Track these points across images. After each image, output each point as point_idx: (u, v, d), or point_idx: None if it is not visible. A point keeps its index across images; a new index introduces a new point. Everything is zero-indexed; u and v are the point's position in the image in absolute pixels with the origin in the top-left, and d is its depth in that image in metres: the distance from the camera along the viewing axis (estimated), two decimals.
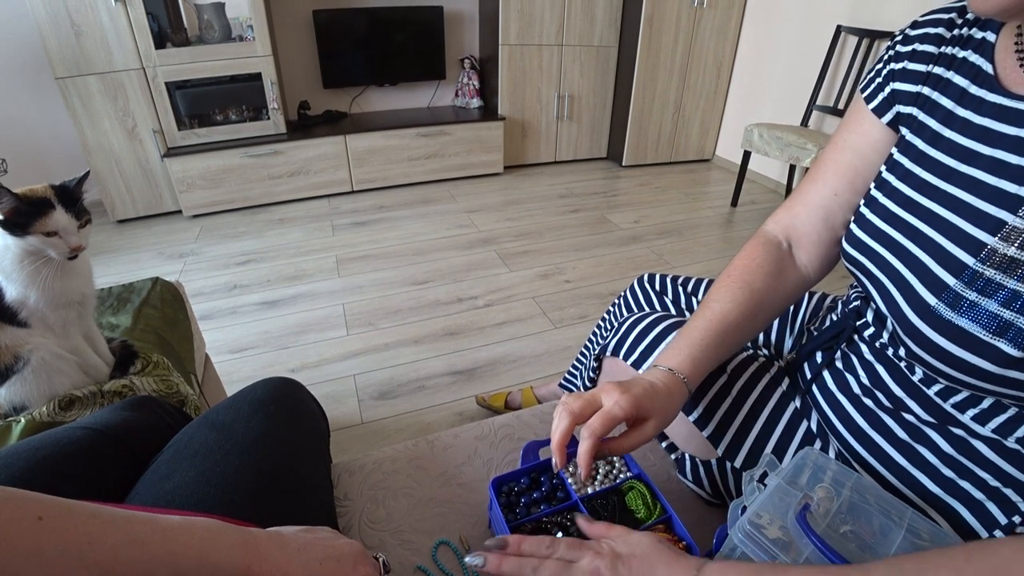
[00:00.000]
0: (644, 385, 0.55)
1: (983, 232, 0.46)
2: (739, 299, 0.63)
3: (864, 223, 0.58)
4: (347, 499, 0.70)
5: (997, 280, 0.44)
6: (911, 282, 0.50)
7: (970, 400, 0.50)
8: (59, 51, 2.32)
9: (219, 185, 2.76)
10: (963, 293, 0.45)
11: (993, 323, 0.43)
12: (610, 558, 0.47)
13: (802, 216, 0.67)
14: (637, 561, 0.46)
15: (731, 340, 0.62)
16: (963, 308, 0.45)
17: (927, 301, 0.48)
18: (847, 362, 0.63)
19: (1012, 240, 0.44)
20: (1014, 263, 0.43)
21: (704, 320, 0.62)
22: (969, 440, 0.51)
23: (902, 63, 0.59)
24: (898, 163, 0.57)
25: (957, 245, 0.47)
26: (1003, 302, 0.43)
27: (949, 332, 0.46)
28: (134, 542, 0.37)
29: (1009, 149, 0.46)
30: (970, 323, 0.44)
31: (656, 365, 0.60)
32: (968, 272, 0.46)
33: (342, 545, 0.48)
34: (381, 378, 1.65)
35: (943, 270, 0.48)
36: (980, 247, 0.46)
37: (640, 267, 2.35)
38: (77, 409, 0.79)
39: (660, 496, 0.61)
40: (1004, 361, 0.43)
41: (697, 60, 3.36)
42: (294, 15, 2.96)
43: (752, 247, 0.68)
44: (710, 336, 0.61)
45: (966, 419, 0.50)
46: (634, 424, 0.55)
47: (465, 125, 3.16)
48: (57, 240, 0.73)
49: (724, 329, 0.61)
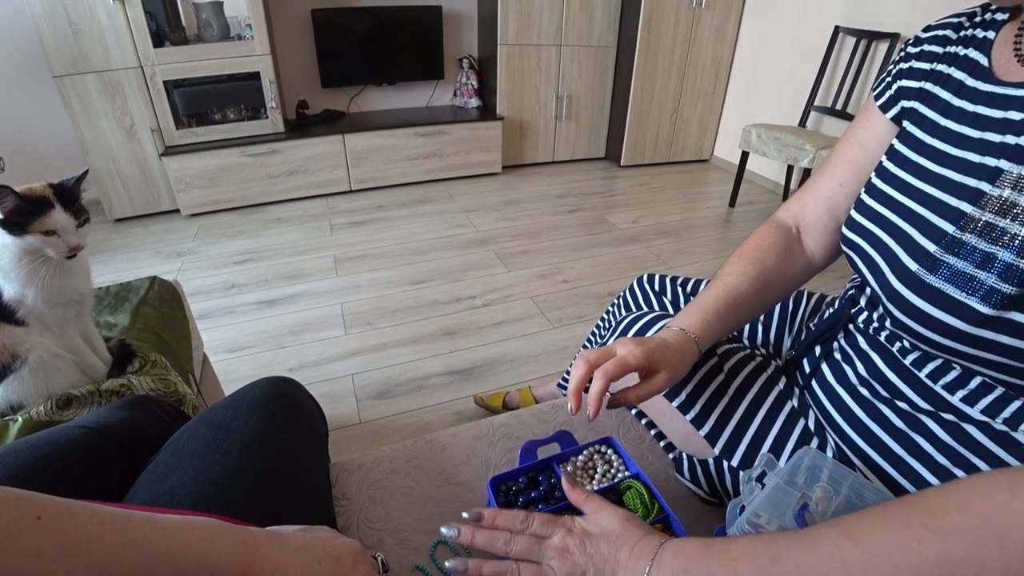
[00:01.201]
0: (657, 340, 0.60)
1: (963, 203, 0.49)
2: (750, 273, 0.67)
3: (862, 207, 0.61)
4: (345, 498, 0.70)
5: (972, 243, 0.47)
6: (897, 252, 0.54)
7: (959, 380, 0.52)
8: (57, 49, 2.31)
9: (217, 184, 2.76)
10: (942, 258, 0.49)
11: (968, 284, 0.46)
12: (580, 536, 0.49)
13: (810, 206, 0.72)
14: (605, 541, 0.48)
15: (740, 311, 0.67)
16: (941, 271, 0.48)
17: (909, 267, 0.51)
18: (844, 354, 0.64)
19: (988, 207, 0.47)
20: (988, 227, 0.46)
21: (716, 289, 0.67)
22: (961, 425, 0.52)
23: (910, 62, 0.63)
24: (898, 152, 0.60)
25: (938, 215, 0.51)
26: (978, 264, 0.46)
27: (927, 294, 0.49)
28: (133, 541, 0.37)
29: (993, 130, 0.50)
30: (947, 284, 0.48)
31: (669, 326, 0.65)
32: (947, 239, 0.49)
33: (341, 544, 0.48)
34: (379, 378, 1.65)
35: (925, 238, 0.51)
36: (960, 216, 0.49)
37: (638, 267, 2.35)
38: (75, 408, 0.79)
39: (658, 495, 0.61)
40: (977, 319, 0.45)
41: (695, 60, 3.37)
42: (292, 14, 2.96)
43: (764, 229, 0.73)
44: (721, 304, 0.65)
45: (956, 400, 0.52)
46: (646, 376, 0.60)
47: (463, 125, 3.16)
48: (56, 239, 0.73)
49: (735, 300, 0.66)
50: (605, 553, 0.47)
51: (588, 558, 0.47)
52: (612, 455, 0.69)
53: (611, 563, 0.47)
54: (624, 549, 0.47)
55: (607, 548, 0.48)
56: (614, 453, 0.69)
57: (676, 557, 0.44)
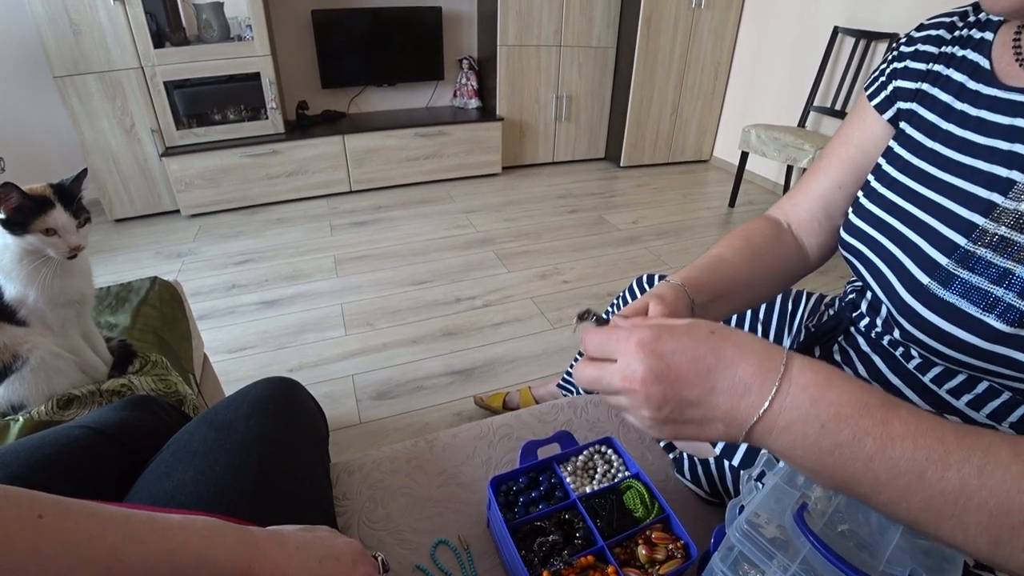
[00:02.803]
0: (671, 297, 0.55)
1: (975, 214, 0.48)
2: (736, 246, 0.66)
3: (862, 211, 0.60)
4: (346, 498, 0.70)
5: (988, 258, 0.45)
6: (905, 263, 0.52)
7: (965, 385, 0.51)
8: (57, 50, 2.31)
9: (217, 185, 2.76)
10: (955, 272, 0.47)
11: (983, 299, 0.45)
12: (654, 341, 0.39)
13: (803, 204, 0.71)
14: (710, 345, 0.38)
15: (727, 271, 0.63)
16: (954, 286, 0.47)
17: (920, 280, 0.50)
18: (845, 356, 0.64)
19: (1003, 220, 0.45)
20: (1004, 242, 0.45)
21: (700, 258, 0.65)
22: None
23: (904, 62, 0.62)
24: (897, 155, 0.59)
25: (949, 227, 0.49)
26: (994, 279, 0.44)
27: (941, 309, 0.47)
28: (134, 540, 0.37)
29: (1001, 137, 0.48)
30: (961, 300, 0.46)
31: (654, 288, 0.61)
32: (960, 251, 0.47)
33: (341, 544, 0.48)
34: (379, 378, 1.65)
35: (935, 251, 0.50)
36: (972, 228, 0.47)
37: (638, 267, 2.35)
38: (75, 408, 0.79)
39: (658, 495, 0.61)
40: (993, 336, 0.44)
41: (695, 61, 3.37)
42: (293, 15, 2.96)
43: (752, 220, 0.73)
44: (702, 262, 0.63)
45: (961, 405, 0.51)
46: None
47: (463, 125, 3.16)
48: (56, 239, 0.73)
49: (718, 262, 0.63)
50: (693, 380, 0.36)
51: (666, 393, 0.37)
52: (612, 455, 0.69)
53: (704, 388, 0.37)
54: (723, 380, 0.36)
55: (695, 377, 0.37)
56: (614, 453, 0.69)
57: (815, 404, 0.35)
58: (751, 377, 0.36)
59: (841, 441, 0.34)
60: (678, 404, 0.37)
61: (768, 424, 0.36)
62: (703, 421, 0.38)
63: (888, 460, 0.33)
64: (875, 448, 0.33)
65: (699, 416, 0.38)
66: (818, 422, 0.34)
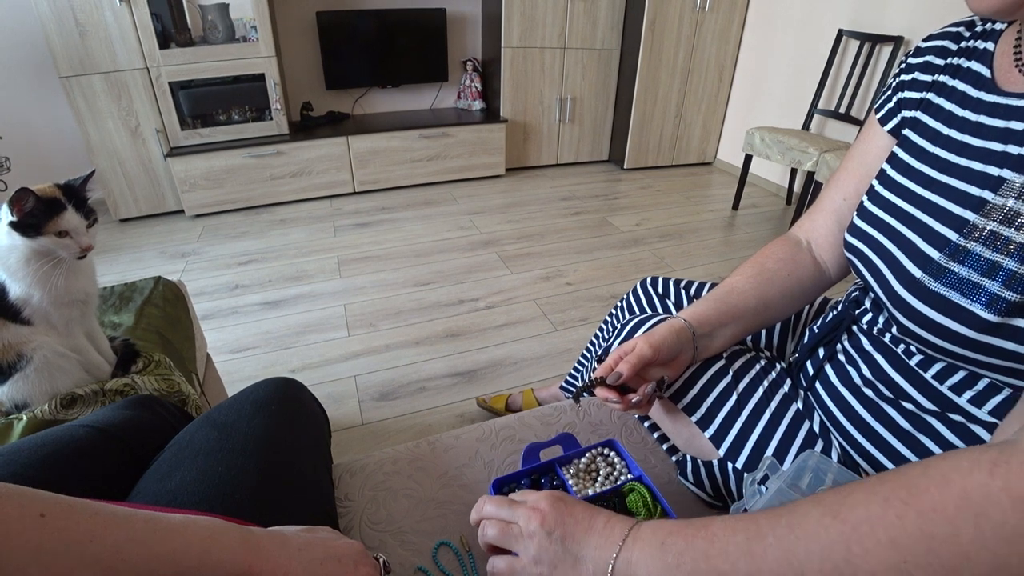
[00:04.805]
0: (661, 333, 0.66)
1: (967, 211, 0.50)
2: (747, 273, 0.73)
3: (864, 213, 0.62)
4: (348, 499, 0.70)
5: (977, 252, 0.48)
6: (899, 258, 0.55)
7: (965, 381, 0.52)
8: (63, 50, 2.33)
9: (221, 185, 2.77)
10: (947, 265, 0.50)
11: (972, 291, 0.47)
12: (555, 498, 0.49)
13: (820, 220, 0.74)
14: (582, 507, 0.48)
15: (735, 300, 0.71)
16: (946, 278, 0.49)
17: (913, 274, 0.52)
18: (848, 355, 0.64)
19: (992, 216, 0.48)
20: (993, 236, 0.47)
21: (713, 289, 0.74)
22: (968, 426, 0.52)
23: (912, 74, 0.64)
24: (900, 160, 0.61)
25: (942, 224, 0.52)
26: (983, 272, 0.47)
27: (932, 300, 0.50)
28: (135, 540, 0.37)
29: (996, 139, 0.50)
30: (952, 291, 0.48)
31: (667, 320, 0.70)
32: (951, 246, 0.50)
33: (343, 545, 0.48)
34: (382, 379, 1.65)
35: (928, 245, 0.52)
36: (963, 224, 0.50)
37: (641, 270, 2.35)
38: (79, 407, 0.79)
39: (660, 498, 0.61)
40: (983, 326, 0.46)
41: (699, 63, 3.37)
42: (297, 16, 2.97)
43: (772, 242, 0.77)
44: (713, 294, 0.72)
45: (963, 402, 0.52)
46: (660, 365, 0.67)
47: (467, 127, 3.16)
48: (68, 241, 0.74)
49: (727, 292, 0.72)
50: (579, 516, 0.46)
51: (559, 518, 0.46)
52: (615, 457, 0.69)
53: (583, 527, 0.46)
54: (601, 517, 0.46)
55: (583, 512, 0.47)
56: (617, 456, 0.69)
57: (655, 531, 0.43)
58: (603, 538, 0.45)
59: (680, 550, 0.40)
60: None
61: (625, 557, 0.43)
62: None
63: (721, 552, 0.38)
64: (706, 544, 0.39)
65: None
66: (657, 541, 0.42)
